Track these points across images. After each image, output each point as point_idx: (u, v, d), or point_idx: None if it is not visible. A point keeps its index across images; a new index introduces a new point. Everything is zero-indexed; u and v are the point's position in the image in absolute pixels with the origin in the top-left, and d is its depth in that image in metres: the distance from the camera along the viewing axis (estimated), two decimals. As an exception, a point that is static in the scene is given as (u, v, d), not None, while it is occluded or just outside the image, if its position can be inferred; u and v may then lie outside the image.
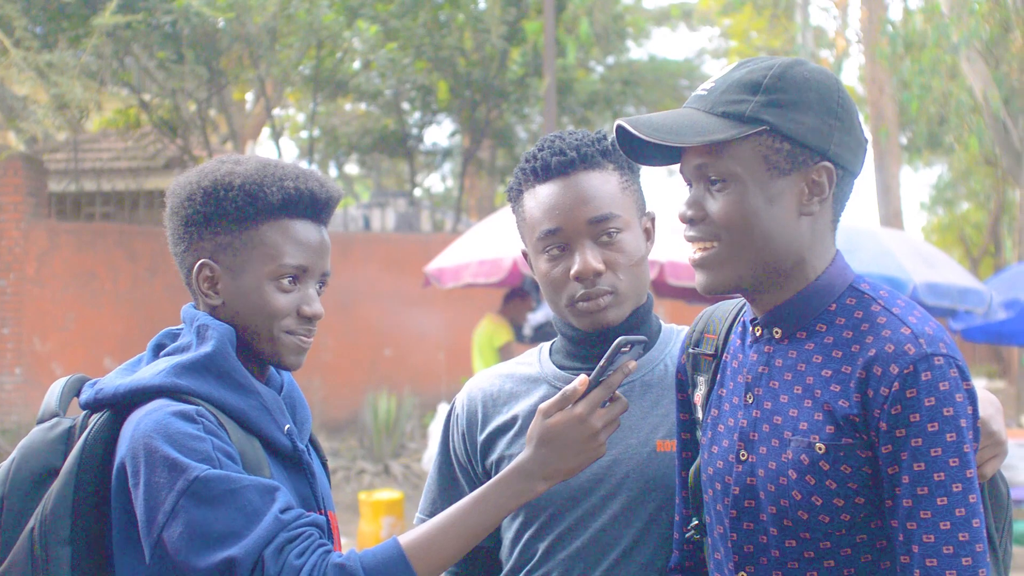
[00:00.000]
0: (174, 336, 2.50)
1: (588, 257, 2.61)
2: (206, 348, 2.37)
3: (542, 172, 2.68)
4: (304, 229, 2.46)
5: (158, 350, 2.49)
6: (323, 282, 2.52)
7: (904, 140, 26.53)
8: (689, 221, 2.25)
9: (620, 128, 2.24)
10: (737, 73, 2.23)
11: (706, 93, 2.23)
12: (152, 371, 2.37)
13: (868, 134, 20.54)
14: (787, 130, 2.16)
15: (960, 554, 2.02)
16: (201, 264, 2.44)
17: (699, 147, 2.21)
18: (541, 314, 11.61)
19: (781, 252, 2.19)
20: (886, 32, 18.11)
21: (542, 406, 2.36)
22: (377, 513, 10.80)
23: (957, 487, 2.03)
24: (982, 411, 2.25)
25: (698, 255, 2.25)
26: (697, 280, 2.28)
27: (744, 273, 2.21)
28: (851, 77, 30.26)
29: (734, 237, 2.20)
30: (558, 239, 2.65)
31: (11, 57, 13.42)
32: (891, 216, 20.36)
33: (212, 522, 2.19)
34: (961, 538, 2.02)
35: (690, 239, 2.26)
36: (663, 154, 2.31)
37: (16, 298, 15.07)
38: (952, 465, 2.03)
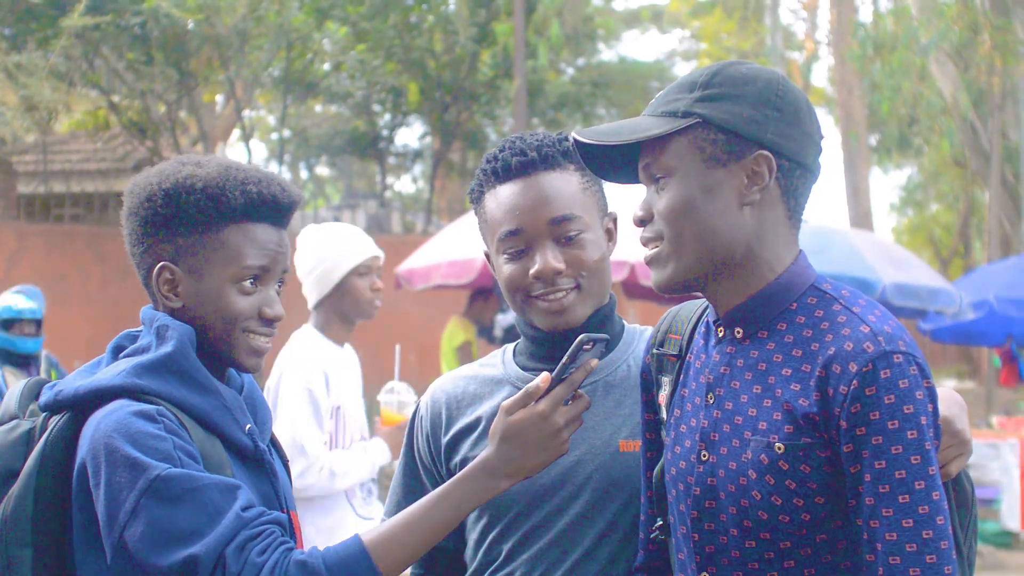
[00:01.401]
0: (133, 338, 2.48)
1: (548, 257, 2.61)
2: (166, 348, 2.36)
3: (503, 172, 2.68)
4: (265, 232, 2.45)
5: (117, 352, 2.47)
6: (282, 280, 2.51)
7: (873, 142, 26.64)
8: (640, 223, 2.29)
9: (575, 140, 2.30)
10: (681, 78, 2.29)
11: (654, 100, 2.29)
12: (112, 372, 2.36)
13: (837, 136, 20.70)
14: (720, 120, 2.18)
15: (924, 551, 2.02)
16: (161, 267, 2.43)
17: (646, 150, 2.26)
18: (511, 315, 11.61)
19: (725, 243, 2.21)
20: (856, 34, 18.21)
21: (504, 403, 2.36)
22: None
23: (919, 484, 2.03)
24: (946, 410, 2.25)
25: (648, 254, 2.28)
26: (651, 278, 2.31)
27: (690, 266, 2.23)
28: (820, 79, 30.38)
29: (675, 230, 2.22)
30: (519, 240, 2.65)
31: (-21, 59, 13.35)
32: (861, 217, 20.46)
33: (173, 521, 2.18)
34: (924, 535, 2.02)
35: (643, 241, 2.29)
36: (625, 170, 2.36)
37: (-16, 300, 14.98)
38: (913, 463, 2.03)
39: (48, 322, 15.50)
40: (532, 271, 2.62)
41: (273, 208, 2.45)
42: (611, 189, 2.78)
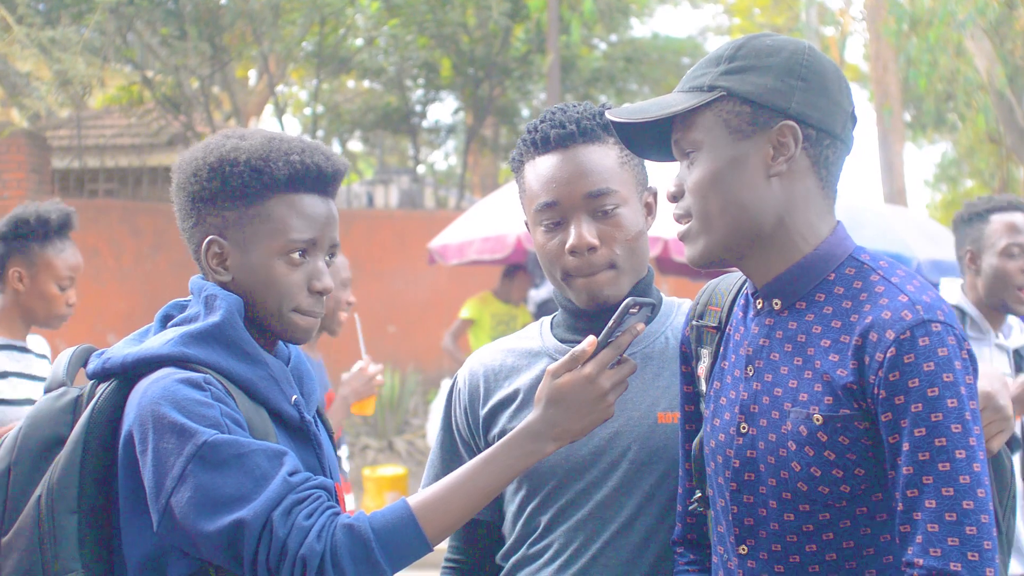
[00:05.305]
0: (182, 307, 2.50)
1: (583, 231, 2.62)
2: (214, 318, 2.38)
3: (542, 144, 2.69)
4: (311, 203, 2.46)
5: (166, 321, 2.49)
6: (332, 253, 2.52)
7: (908, 117, 26.46)
8: (673, 198, 2.30)
9: (611, 120, 2.30)
10: (710, 53, 2.29)
11: (684, 76, 2.30)
12: (160, 340, 2.38)
13: (872, 112, 20.56)
14: (743, 92, 2.19)
15: (964, 522, 1.99)
16: (209, 241, 2.44)
17: (677, 126, 2.27)
18: (544, 290, 11.59)
19: (753, 215, 2.21)
20: (892, 10, 18.07)
21: (551, 367, 2.37)
22: (381, 488, 10.83)
23: (960, 453, 2.01)
24: (988, 385, 2.25)
25: (680, 229, 2.29)
26: (684, 254, 2.31)
27: (720, 240, 2.23)
28: (855, 55, 30.20)
29: (703, 204, 2.23)
30: (555, 213, 2.66)
31: (14, 33, 13.40)
32: (895, 193, 20.33)
33: (221, 486, 2.20)
34: (965, 506, 1.99)
35: (675, 218, 2.30)
36: (660, 147, 2.36)
37: (20, 275, 15.05)
38: (954, 431, 2.01)
39: (82, 296, 15.59)
40: (567, 245, 2.63)
41: (317, 177, 2.46)
42: (653, 164, 2.78)
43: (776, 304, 2.26)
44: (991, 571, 1.98)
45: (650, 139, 2.35)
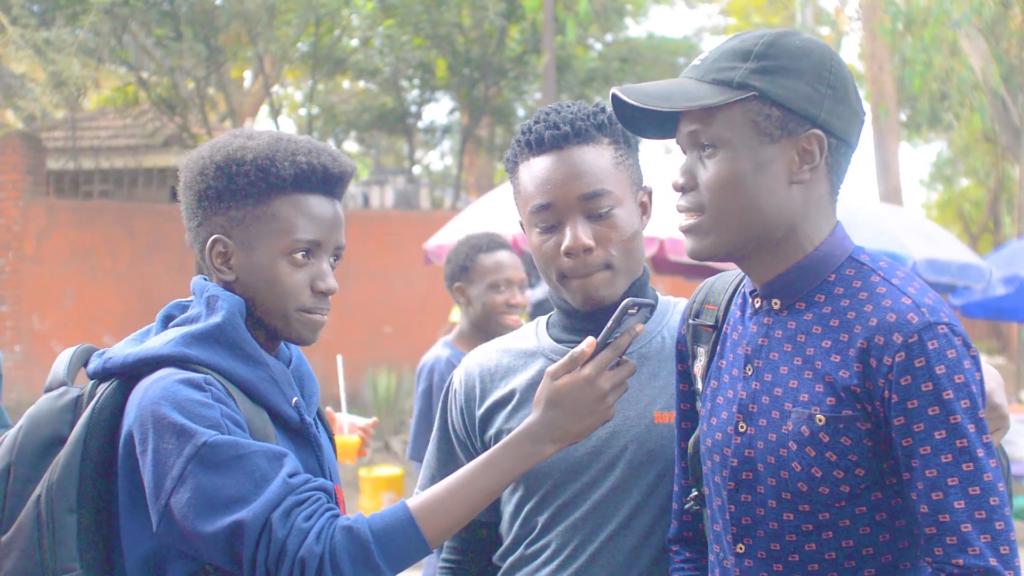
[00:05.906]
0: (183, 307, 2.50)
1: (579, 233, 2.61)
2: (216, 319, 2.38)
3: (536, 145, 2.68)
4: (317, 204, 2.46)
5: (167, 321, 2.49)
6: (337, 255, 2.52)
7: (903, 117, 26.47)
8: (681, 189, 2.26)
9: (614, 96, 2.25)
10: (730, 43, 2.24)
11: (699, 63, 2.25)
12: (161, 341, 2.38)
13: (867, 111, 20.60)
14: (776, 96, 2.16)
15: (993, 518, 2.02)
16: (214, 239, 2.44)
17: (692, 115, 2.22)
18: (540, 291, 11.58)
19: (770, 220, 2.19)
20: (887, 9, 18.08)
21: (550, 369, 2.37)
22: (377, 489, 10.81)
23: (980, 452, 2.04)
24: (986, 384, 2.25)
25: (687, 222, 2.26)
26: (686, 245, 2.29)
27: (731, 240, 2.22)
28: (851, 54, 30.24)
29: (720, 204, 2.20)
30: (550, 214, 2.65)
31: (9, 35, 13.39)
32: (890, 193, 20.33)
33: (220, 487, 2.20)
34: (992, 503, 2.03)
35: (680, 209, 2.27)
36: (659, 126, 2.32)
37: (15, 276, 15.08)
38: (971, 431, 2.04)
39: (77, 298, 15.61)
40: (563, 247, 2.62)
41: (324, 179, 2.46)
42: (646, 166, 2.77)
43: (775, 304, 2.26)
44: (1018, 561, 2.03)
45: (652, 120, 2.30)
